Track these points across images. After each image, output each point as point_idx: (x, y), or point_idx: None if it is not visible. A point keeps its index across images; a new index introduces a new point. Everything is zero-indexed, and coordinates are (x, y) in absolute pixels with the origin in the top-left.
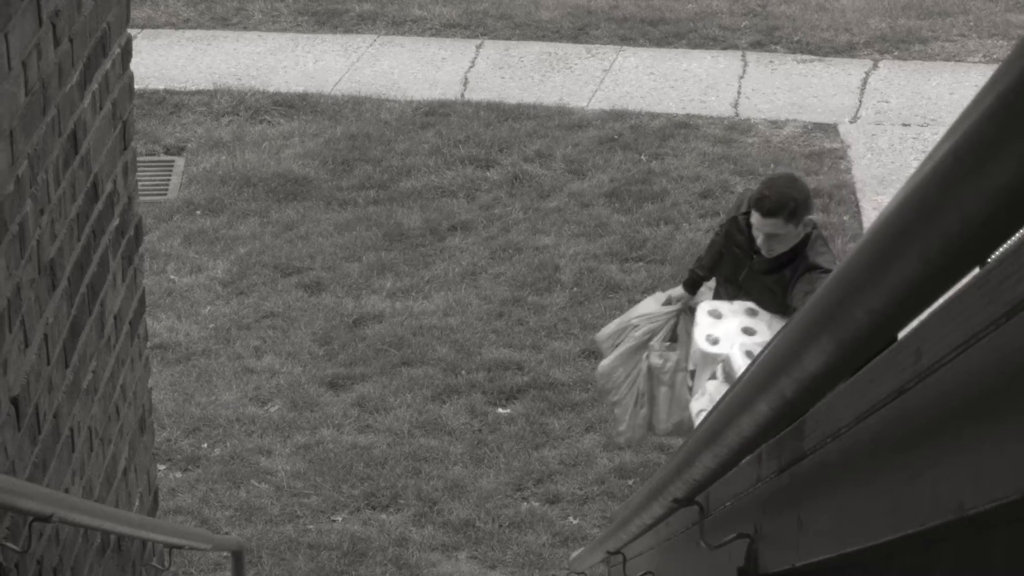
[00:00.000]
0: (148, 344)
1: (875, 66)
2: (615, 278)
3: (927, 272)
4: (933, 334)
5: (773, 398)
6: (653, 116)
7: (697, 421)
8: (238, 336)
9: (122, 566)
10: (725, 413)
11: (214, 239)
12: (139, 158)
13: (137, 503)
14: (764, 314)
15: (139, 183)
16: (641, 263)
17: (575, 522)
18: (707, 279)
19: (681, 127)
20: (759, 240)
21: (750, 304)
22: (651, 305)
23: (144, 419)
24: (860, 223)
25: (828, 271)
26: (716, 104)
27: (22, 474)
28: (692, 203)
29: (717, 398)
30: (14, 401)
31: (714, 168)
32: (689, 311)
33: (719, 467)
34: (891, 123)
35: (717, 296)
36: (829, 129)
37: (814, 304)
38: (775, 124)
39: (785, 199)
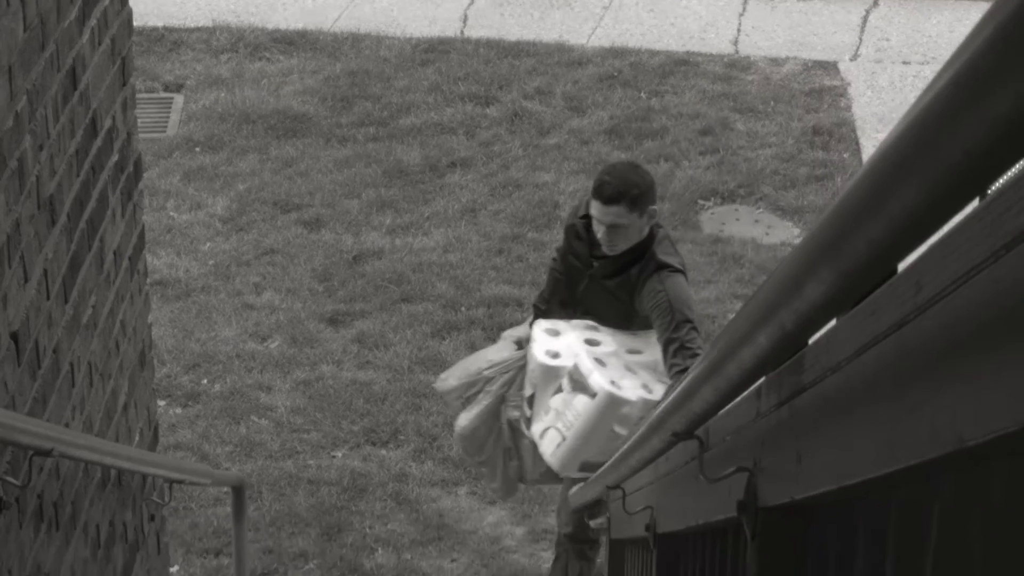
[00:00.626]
0: (148, 280)
1: (875, 4)
2: None
3: (927, 202)
4: (933, 267)
5: (773, 330)
6: (653, 53)
7: (544, 441)
8: (238, 272)
9: (122, 500)
10: (726, 345)
11: (213, 176)
12: (138, 95)
13: (137, 438)
14: (606, 329)
15: (138, 120)
16: None
17: None
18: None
19: (681, 64)
20: (600, 235)
21: (590, 322)
22: (500, 351)
23: (144, 354)
24: (860, 160)
25: (680, 271)
26: (716, 41)
27: (22, 409)
28: (692, 140)
29: (565, 412)
30: (14, 336)
31: (714, 106)
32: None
33: (719, 400)
34: (891, 61)
35: None
36: (829, 67)
37: (814, 234)
38: (775, 62)
39: (628, 184)
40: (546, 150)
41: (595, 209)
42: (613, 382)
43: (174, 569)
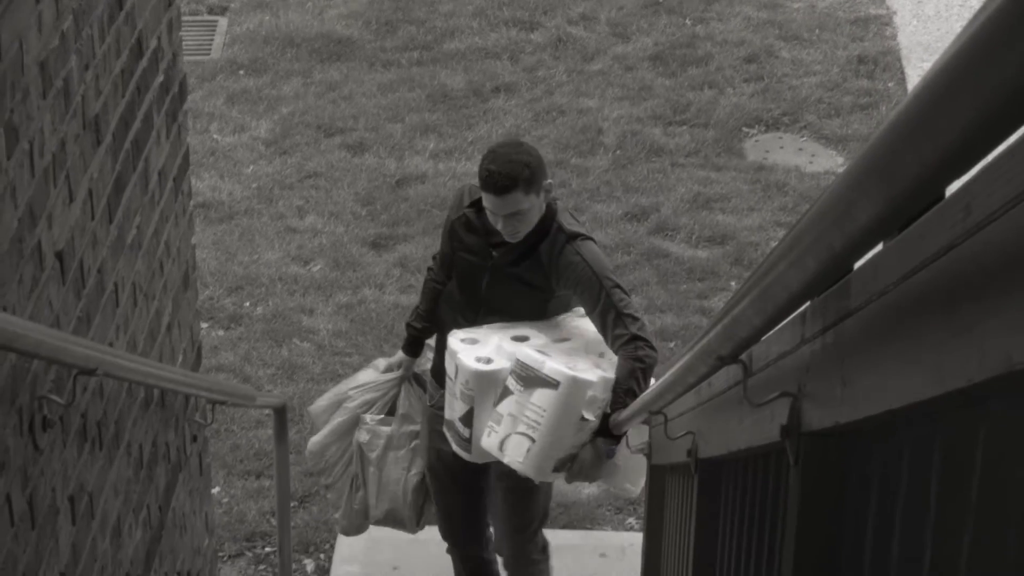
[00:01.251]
0: (191, 202)
1: None
2: (658, 141)
3: (980, 123)
4: (983, 190)
5: (821, 251)
6: None
7: (508, 450)
8: (281, 196)
9: (165, 421)
10: (773, 268)
11: (257, 99)
12: (182, 18)
13: (180, 359)
14: (522, 325)
15: (183, 42)
16: (684, 127)
17: None
18: (429, 333)
19: None
20: (500, 226)
21: (504, 323)
22: (370, 374)
23: (188, 275)
24: (904, 90)
25: (590, 238)
26: None
27: (67, 328)
28: (736, 68)
29: (523, 413)
30: (59, 255)
31: (759, 33)
32: (414, 379)
33: (764, 324)
34: None
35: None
36: None
37: (865, 155)
38: None
39: (517, 168)
40: (590, 76)
41: (488, 202)
42: (569, 367)
43: (215, 491)
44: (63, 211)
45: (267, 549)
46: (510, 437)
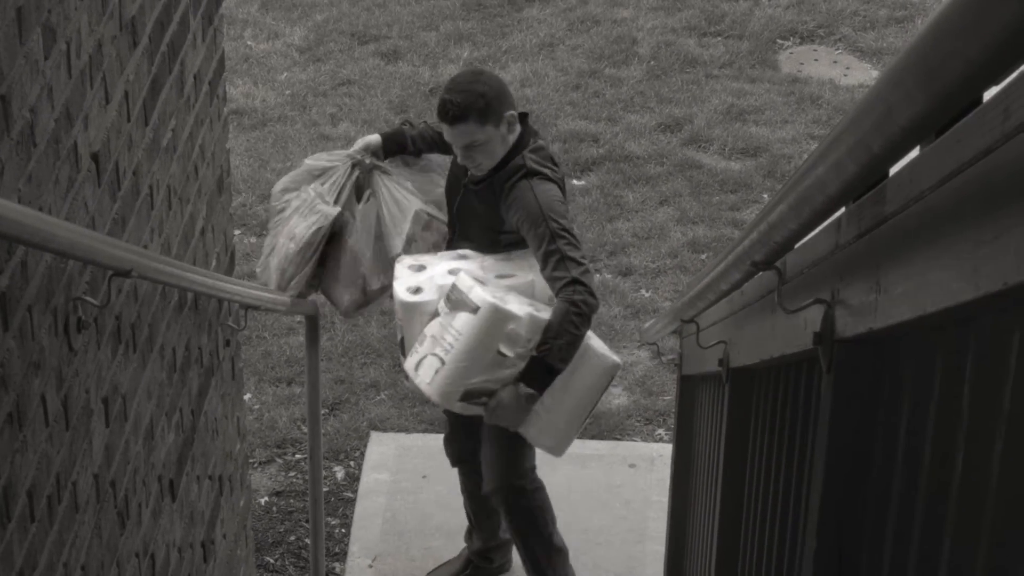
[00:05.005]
0: (226, 108)
1: None
2: (693, 52)
3: None
4: (1023, 94)
5: (859, 153)
6: None
7: (419, 373)
8: (314, 103)
9: (199, 325)
10: (810, 171)
11: (291, 6)
12: None
13: (214, 263)
14: (475, 256)
15: None
16: (719, 38)
17: (647, 295)
18: (415, 148)
19: None
20: (460, 159)
21: (461, 251)
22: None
23: (222, 180)
24: (940, 3)
25: (554, 182)
26: None
27: (102, 229)
28: None
29: (444, 335)
30: (94, 157)
31: None
32: (378, 170)
33: (800, 229)
34: None
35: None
36: None
37: (906, 55)
38: None
39: (472, 97)
40: None
41: (446, 133)
42: (497, 297)
43: (247, 397)
44: (99, 113)
45: (297, 456)
46: (426, 358)
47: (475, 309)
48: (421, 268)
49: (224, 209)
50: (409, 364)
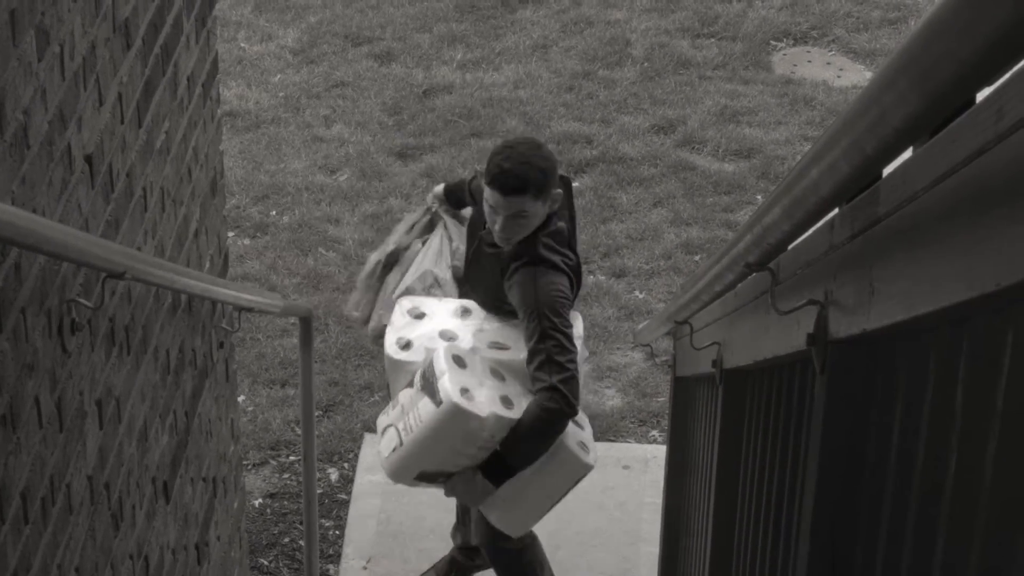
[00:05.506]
0: (219, 110)
1: None
2: (686, 54)
3: (1018, 22)
4: (1016, 93)
5: (852, 154)
6: None
7: (383, 440)
8: (308, 105)
9: (192, 326)
10: (803, 173)
11: (284, 7)
12: None
13: (208, 265)
14: (478, 313)
15: None
16: (712, 39)
17: (641, 296)
18: (473, 200)
19: None
20: (496, 226)
21: (466, 303)
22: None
23: (215, 181)
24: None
25: (564, 272)
26: None
27: (96, 231)
28: None
29: (409, 413)
30: (88, 159)
31: None
32: (454, 218)
33: (793, 230)
34: None
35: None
36: None
37: (899, 55)
38: None
39: (532, 172)
40: None
41: (492, 199)
42: (466, 390)
43: (241, 399)
44: (93, 114)
45: (291, 458)
46: (390, 428)
47: (439, 402)
48: (420, 316)
49: (218, 211)
50: (380, 422)
